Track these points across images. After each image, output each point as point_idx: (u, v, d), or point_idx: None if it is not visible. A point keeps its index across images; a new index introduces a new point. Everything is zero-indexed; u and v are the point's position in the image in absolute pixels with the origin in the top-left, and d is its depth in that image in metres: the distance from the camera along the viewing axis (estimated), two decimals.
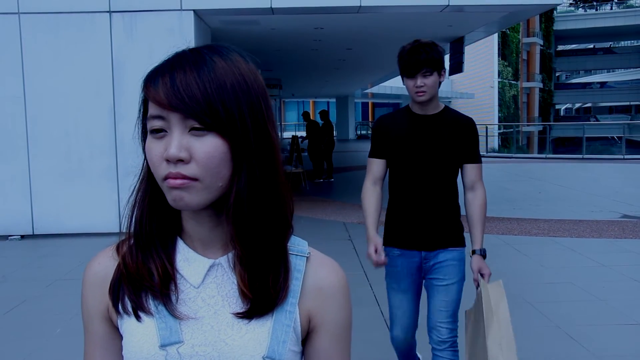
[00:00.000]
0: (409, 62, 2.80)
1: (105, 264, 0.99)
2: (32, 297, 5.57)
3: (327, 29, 10.53)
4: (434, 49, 2.81)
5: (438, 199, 2.91)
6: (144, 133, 0.92)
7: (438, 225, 2.92)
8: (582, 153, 22.40)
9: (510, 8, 8.55)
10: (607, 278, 6.02)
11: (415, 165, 2.89)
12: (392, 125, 3.00)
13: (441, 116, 2.92)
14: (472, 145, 2.94)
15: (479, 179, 2.97)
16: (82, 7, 8.17)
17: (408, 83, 2.85)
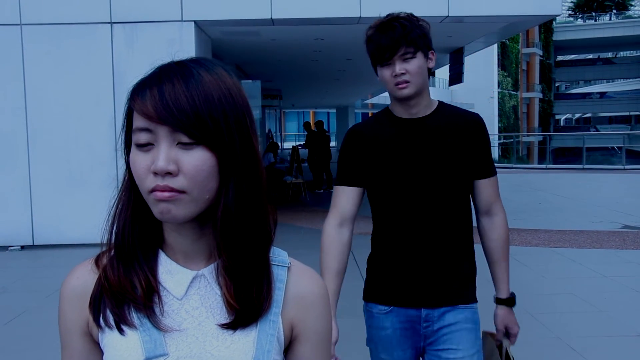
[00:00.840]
0: (379, 43, 2.01)
1: (84, 277, 0.98)
2: (32, 307, 5.55)
3: (327, 40, 10.57)
4: (413, 22, 2.01)
5: (442, 233, 2.09)
6: (128, 145, 0.92)
7: (444, 272, 2.09)
8: (582, 163, 22.40)
9: (510, 19, 8.58)
10: (608, 289, 6.01)
11: (406, 189, 2.08)
12: (368, 136, 2.15)
13: (435, 117, 2.10)
14: (482, 152, 2.12)
15: (497, 199, 2.18)
16: (84, 19, 8.20)
17: (383, 74, 2.05)
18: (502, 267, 2.19)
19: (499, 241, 2.18)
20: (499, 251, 2.19)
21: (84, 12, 8.20)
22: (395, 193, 2.10)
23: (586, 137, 25.79)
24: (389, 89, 2.07)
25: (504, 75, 44.04)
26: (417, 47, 1.99)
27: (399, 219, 2.11)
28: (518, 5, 8.19)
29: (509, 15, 8.28)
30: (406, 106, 2.08)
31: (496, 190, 2.20)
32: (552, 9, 8.36)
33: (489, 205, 2.17)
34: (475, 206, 2.20)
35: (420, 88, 2.04)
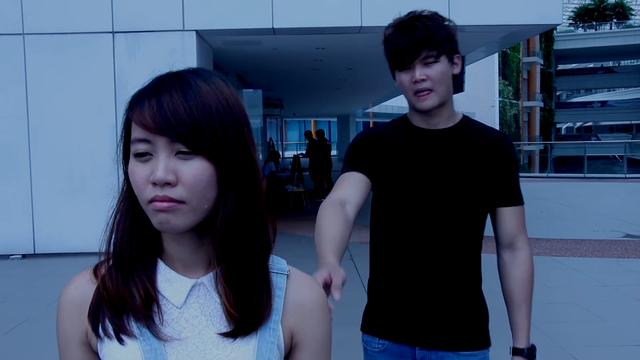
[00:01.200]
0: (398, 44, 1.76)
1: (83, 287, 0.97)
2: (33, 316, 5.54)
3: (328, 49, 10.59)
4: (437, 22, 1.75)
5: (449, 263, 1.83)
6: (126, 156, 0.92)
7: (447, 309, 1.83)
8: (584, 172, 22.39)
9: (511, 28, 8.60)
10: (611, 298, 5.99)
11: (412, 207, 1.82)
12: (378, 143, 1.89)
13: (457, 131, 1.85)
14: (507, 177, 1.86)
15: (521, 231, 1.90)
16: (86, 28, 8.23)
17: (402, 79, 1.79)
18: (522, 311, 1.88)
19: (521, 281, 1.90)
20: (521, 293, 1.89)
21: (86, 21, 8.23)
22: (398, 209, 1.84)
23: (587, 146, 25.81)
24: (408, 98, 1.81)
25: (505, 84, 44.10)
26: (441, 50, 1.74)
27: (402, 242, 1.84)
28: (519, 15, 8.21)
29: (510, 24, 8.30)
30: (426, 116, 1.83)
31: (522, 222, 1.91)
32: (552, 19, 8.38)
33: (512, 237, 1.89)
34: (497, 238, 1.92)
35: (444, 98, 1.78)
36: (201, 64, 8.49)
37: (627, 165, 23.04)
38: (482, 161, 1.82)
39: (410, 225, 1.83)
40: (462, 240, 1.84)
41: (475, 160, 1.82)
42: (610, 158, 30.00)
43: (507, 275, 1.90)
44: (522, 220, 1.92)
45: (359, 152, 1.89)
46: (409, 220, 1.83)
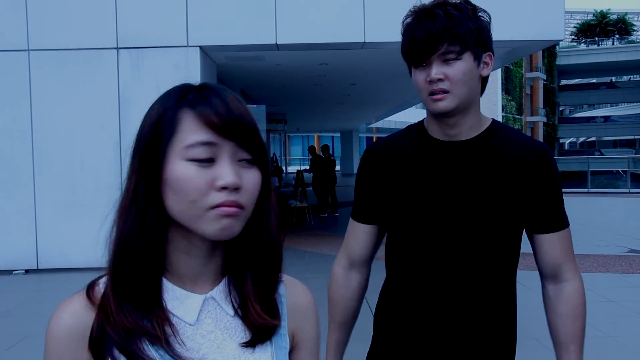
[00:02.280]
0: (414, 36, 1.47)
1: (79, 314, 0.89)
2: (35, 332, 5.52)
3: (331, 65, 10.63)
4: (464, 12, 1.46)
5: (474, 300, 1.55)
6: (154, 160, 0.87)
7: (469, 351, 1.57)
8: (587, 187, 22.34)
9: (513, 44, 8.62)
10: (616, 314, 5.96)
11: (426, 233, 1.56)
12: (388, 155, 1.64)
13: (481, 142, 1.55)
14: (546, 197, 1.57)
15: (567, 259, 1.61)
16: (90, 44, 8.28)
17: (417, 77, 1.52)
18: (569, 352, 1.59)
19: (567, 318, 1.60)
20: (568, 331, 1.59)
21: (91, 37, 8.29)
22: (412, 235, 1.58)
23: (591, 161, 25.78)
24: (424, 100, 1.54)
25: (508, 99, 44.18)
26: (465, 45, 1.44)
27: (414, 271, 1.59)
28: (521, 31, 8.24)
29: (513, 40, 8.32)
30: (443, 124, 1.54)
31: (567, 248, 1.61)
32: (555, 34, 8.41)
33: (556, 268, 1.61)
34: (539, 268, 1.66)
35: (465, 102, 1.49)
36: (205, 79, 8.48)
37: (630, 180, 22.98)
38: (512, 178, 1.52)
39: (424, 252, 1.57)
40: (489, 271, 1.56)
41: (503, 177, 1.52)
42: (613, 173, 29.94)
43: (552, 311, 1.63)
44: (568, 245, 1.62)
45: (364, 189, 1.70)
46: (422, 246, 1.57)
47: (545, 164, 1.54)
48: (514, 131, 1.62)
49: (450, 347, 1.56)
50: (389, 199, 1.62)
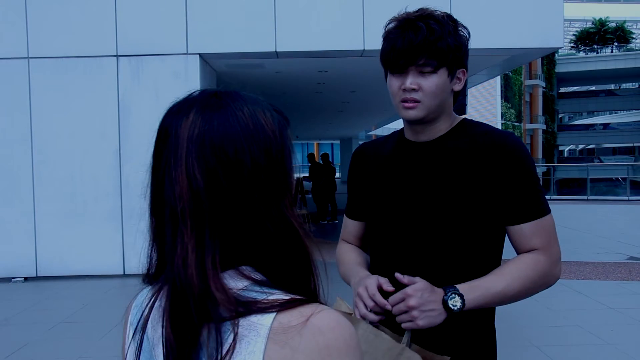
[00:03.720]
0: (395, 44, 1.53)
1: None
2: (34, 340, 5.51)
3: (331, 72, 10.65)
4: (446, 27, 1.51)
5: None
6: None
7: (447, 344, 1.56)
8: (587, 194, 22.37)
9: (512, 51, 8.65)
10: (616, 321, 5.95)
11: (401, 232, 1.60)
12: (370, 157, 1.77)
13: (447, 139, 1.61)
14: (516, 187, 1.51)
15: (547, 246, 1.53)
16: (90, 52, 8.30)
17: (392, 83, 1.60)
18: (489, 276, 1.51)
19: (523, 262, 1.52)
20: (509, 265, 1.53)
21: (91, 45, 8.31)
22: (387, 236, 1.62)
23: (590, 168, 25.84)
24: (394, 103, 1.61)
25: (507, 106, 44.22)
26: (442, 61, 1.51)
27: (387, 268, 1.60)
28: (520, 39, 8.27)
29: (512, 48, 8.35)
30: (414, 128, 1.63)
31: (545, 238, 1.53)
32: (554, 42, 8.43)
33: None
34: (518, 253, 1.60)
35: (434, 112, 1.56)
36: (204, 87, 8.48)
37: (630, 187, 23.01)
38: (479, 171, 1.52)
39: (400, 250, 1.59)
40: (460, 269, 1.53)
41: (469, 170, 1.53)
42: (613, 180, 29.97)
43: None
44: (546, 235, 1.53)
45: (352, 188, 1.84)
46: (398, 245, 1.60)
47: (511, 151, 1.53)
48: (482, 127, 1.63)
49: (429, 340, 1.53)
50: (368, 198, 1.72)
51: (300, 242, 0.88)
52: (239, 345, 0.77)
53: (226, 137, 0.84)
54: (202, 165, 0.83)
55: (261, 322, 0.78)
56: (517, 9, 8.22)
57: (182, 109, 0.88)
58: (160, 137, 0.88)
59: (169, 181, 0.84)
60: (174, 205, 0.84)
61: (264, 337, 0.77)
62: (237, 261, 0.85)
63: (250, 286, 0.82)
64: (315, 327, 0.77)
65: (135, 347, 0.88)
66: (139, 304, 0.93)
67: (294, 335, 0.77)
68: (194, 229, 0.82)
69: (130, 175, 8.14)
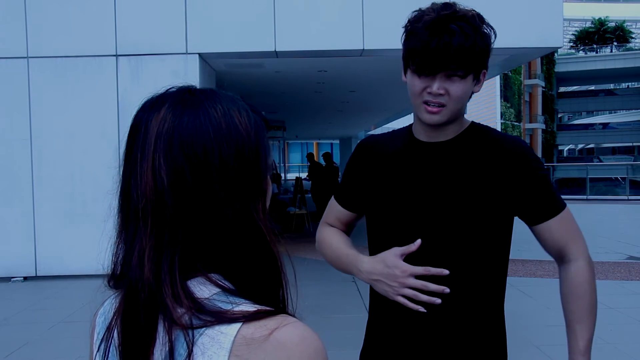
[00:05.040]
0: (427, 47, 1.44)
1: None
2: (34, 340, 5.51)
3: (330, 72, 10.65)
4: (477, 31, 1.46)
5: (459, 297, 1.54)
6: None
7: (456, 350, 1.56)
8: (586, 194, 22.36)
9: (512, 51, 8.64)
10: (615, 321, 5.95)
11: (411, 233, 1.55)
12: (377, 153, 1.70)
13: (459, 142, 1.59)
14: (533, 187, 1.55)
15: (570, 240, 1.62)
16: (89, 51, 8.30)
17: (414, 83, 1.52)
18: (575, 332, 1.64)
19: (570, 297, 1.63)
20: (572, 310, 1.63)
21: (90, 45, 8.30)
22: (391, 233, 1.59)
23: (590, 168, 25.86)
24: (414, 104, 1.55)
25: (507, 106, 44.25)
26: (472, 66, 1.47)
27: None
28: (520, 38, 8.26)
29: (511, 47, 8.34)
30: (428, 129, 1.59)
31: (568, 229, 1.61)
32: (553, 42, 8.43)
33: (560, 251, 1.62)
34: (548, 252, 1.68)
35: (454, 116, 1.55)
36: (204, 86, 8.50)
37: (629, 187, 23.01)
38: (491, 173, 1.54)
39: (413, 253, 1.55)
40: (470, 269, 1.54)
41: (482, 172, 1.54)
42: (612, 180, 29.99)
43: (561, 293, 1.65)
44: (568, 227, 1.62)
45: (350, 178, 1.78)
46: (405, 244, 1.55)
47: (521, 155, 1.56)
48: (491, 130, 1.65)
49: (435, 347, 1.55)
50: (370, 193, 1.68)
51: (268, 249, 0.83)
52: (201, 358, 0.73)
53: (195, 135, 0.80)
54: (169, 162, 0.79)
55: (224, 334, 0.74)
56: (517, 9, 8.22)
57: (155, 104, 0.86)
58: (132, 132, 0.85)
59: (135, 177, 0.82)
60: (136, 203, 0.81)
61: (226, 350, 0.73)
62: (205, 267, 0.80)
63: (217, 295, 0.78)
64: (277, 341, 0.73)
65: (100, 358, 0.84)
66: (104, 313, 0.89)
67: (255, 349, 0.73)
68: (154, 228, 0.79)
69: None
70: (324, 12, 8.29)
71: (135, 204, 0.81)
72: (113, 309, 0.84)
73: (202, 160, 0.79)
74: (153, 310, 0.76)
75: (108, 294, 0.92)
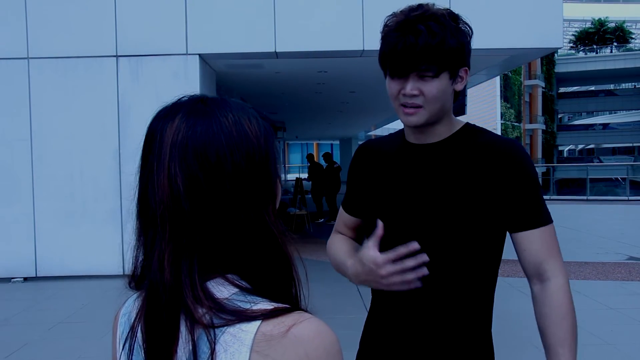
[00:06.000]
0: (395, 48, 1.46)
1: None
2: (34, 340, 5.51)
3: (330, 73, 10.65)
4: (448, 28, 1.45)
5: (448, 298, 1.55)
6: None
7: (444, 348, 1.57)
8: (586, 194, 22.37)
9: (512, 52, 8.65)
10: (616, 321, 5.95)
11: (403, 238, 1.47)
12: (374, 155, 1.72)
13: (451, 144, 1.58)
14: (522, 193, 1.52)
15: (550, 256, 1.53)
16: (90, 52, 8.30)
17: (391, 86, 1.55)
18: (558, 356, 1.51)
19: (553, 319, 1.53)
20: (554, 332, 1.52)
21: (91, 45, 8.31)
22: (387, 237, 1.52)
23: (590, 168, 25.87)
24: (394, 107, 1.56)
25: (507, 107, 44.23)
26: (443, 65, 1.46)
27: None
28: (520, 39, 8.27)
29: (511, 48, 8.35)
30: (415, 131, 1.59)
31: (549, 245, 1.53)
32: (553, 42, 8.43)
33: (538, 266, 1.53)
34: (523, 268, 1.59)
35: (435, 116, 1.52)
36: (204, 87, 8.55)
37: (629, 187, 23.02)
38: (482, 176, 1.51)
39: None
40: (459, 272, 1.53)
41: (473, 175, 1.51)
42: (612, 180, 29.99)
43: (538, 313, 1.57)
44: (551, 242, 1.54)
45: (352, 183, 1.79)
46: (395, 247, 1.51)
47: (515, 160, 1.53)
48: (486, 132, 1.62)
49: (426, 347, 1.57)
50: (368, 197, 1.69)
51: (280, 250, 0.87)
52: (224, 355, 0.78)
53: (208, 143, 0.84)
54: (184, 170, 0.83)
55: (245, 332, 0.78)
56: (517, 9, 8.22)
57: (169, 113, 0.88)
58: (147, 141, 0.89)
59: (152, 185, 0.85)
60: (154, 209, 0.84)
61: (247, 347, 0.77)
62: (223, 268, 0.85)
63: (235, 295, 0.82)
64: (295, 337, 0.78)
65: (126, 357, 0.88)
66: (127, 313, 0.93)
67: (275, 345, 0.77)
68: (172, 233, 0.83)
69: (131, 175, 8.10)
70: (324, 12, 8.29)
71: (153, 210, 0.85)
72: (135, 309, 0.88)
73: (215, 167, 0.84)
74: (175, 311, 0.81)
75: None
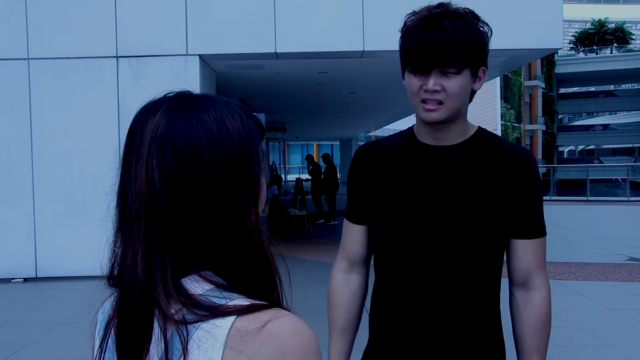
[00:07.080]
0: (418, 44, 1.45)
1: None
2: (34, 341, 5.51)
3: (330, 73, 10.65)
4: (471, 26, 1.45)
5: (457, 304, 1.56)
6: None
7: (456, 351, 1.57)
8: (587, 195, 22.35)
9: (512, 52, 8.65)
10: (616, 322, 5.95)
11: (412, 236, 1.56)
12: (378, 158, 1.67)
13: (468, 147, 1.58)
14: (526, 202, 1.56)
15: (538, 268, 1.59)
16: (90, 53, 8.31)
17: (411, 82, 1.52)
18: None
19: (532, 327, 1.58)
20: (534, 341, 1.58)
21: (91, 46, 8.31)
22: (396, 238, 1.58)
23: (590, 169, 25.82)
24: (414, 104, 1.54)
25: (507, 107, 44.26)
26: (466, 61, 1.46)
27: (400, 275, 1.60)
28: (520, 39, 8.27)
29: (512, 49, 8.35)
30: (431, 130, 1.57)
31: (540, 257, 1.59)
32: (553, 43, 8.43)
33: (527, 275, 1.59)
34: (509, 273, 1.64)
35: (455, 113, 1.52)
36: (204, 88, 8.55)
37: (629, 188, 23.00)
38: (496, 183, 1.54)
39: (409, 256, 1.57)
40: (471, 276, 1.55)
41: (485, 181, 1.54)
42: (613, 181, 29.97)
43: (518, 319, 1.61)
44: (542, 255, 1.60)
45: (354, 190, 1.73)
46: (407, 250, 1.57)
47: (528, 172, 1.56)
48: (500, 139, 1.65)
49: (435, 349, 1.57)
50: (375, 200, 1.64)
51: (259, 250, 0.85)
52: (197, 352, 0.76)
53: (187, 139, 0.83)
54: (161, 165, 0.82)
55: (219, 327, 0.76)
56: (517, 10, 8.22)
57: (152, 108, 0.88)
58: (129, 135, 0.88)
59: (130, 180, 0.86)
60: (130, 204, 0.84)
61: (221, 343, 0.76)
62: (198, 265, 0.83)
63: (210, 291, 0.80)
64: (271, 333, 0.76)
65: (101, 355, 0.87)
66: (105, 310, 0.92)
67: (249, 341, 0.75)
68: (147, 229, 0.82)
69: None
70: (324, 13, 8.30)
71: (130, 205, 0.85)
72: (111, 307, 0.87)
73: (192, 164, 0.82)
74: (147, 308, 0.79)
75: (108, 294, 0.93)
